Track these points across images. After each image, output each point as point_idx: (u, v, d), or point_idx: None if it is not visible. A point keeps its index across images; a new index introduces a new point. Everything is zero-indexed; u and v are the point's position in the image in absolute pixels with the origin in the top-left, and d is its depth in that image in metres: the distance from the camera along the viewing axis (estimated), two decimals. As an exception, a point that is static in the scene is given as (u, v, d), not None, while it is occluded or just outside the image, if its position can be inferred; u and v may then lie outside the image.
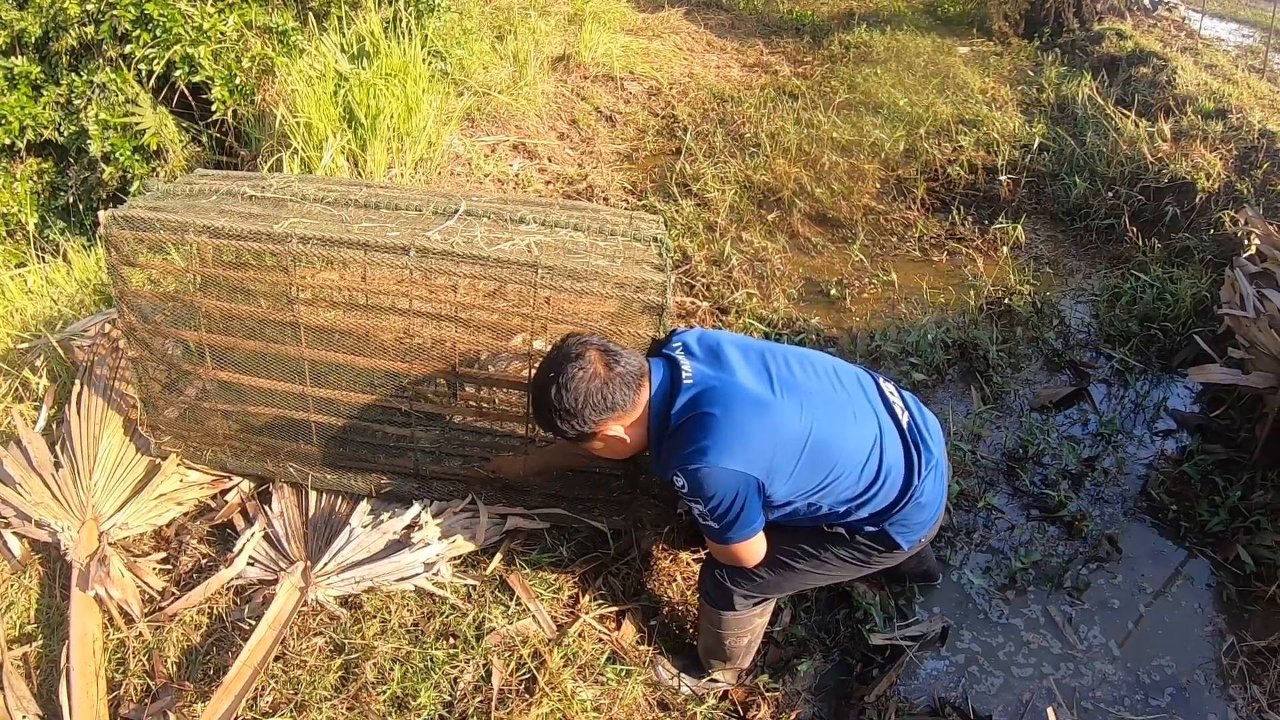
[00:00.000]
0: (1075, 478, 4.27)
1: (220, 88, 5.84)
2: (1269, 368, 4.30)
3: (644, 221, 2.97)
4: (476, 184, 6.34)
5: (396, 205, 2.86)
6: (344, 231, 2.68)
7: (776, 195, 6.80)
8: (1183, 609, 3.71)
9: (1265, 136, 7.14)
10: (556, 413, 2.33)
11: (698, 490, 2.28)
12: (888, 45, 10.97)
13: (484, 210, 2.84)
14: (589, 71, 9.16)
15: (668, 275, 2.53)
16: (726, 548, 2.48)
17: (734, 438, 2.27)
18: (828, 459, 2.41)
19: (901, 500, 2.57)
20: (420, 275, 2.53)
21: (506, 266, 2.47)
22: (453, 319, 2.67)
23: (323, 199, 3.00)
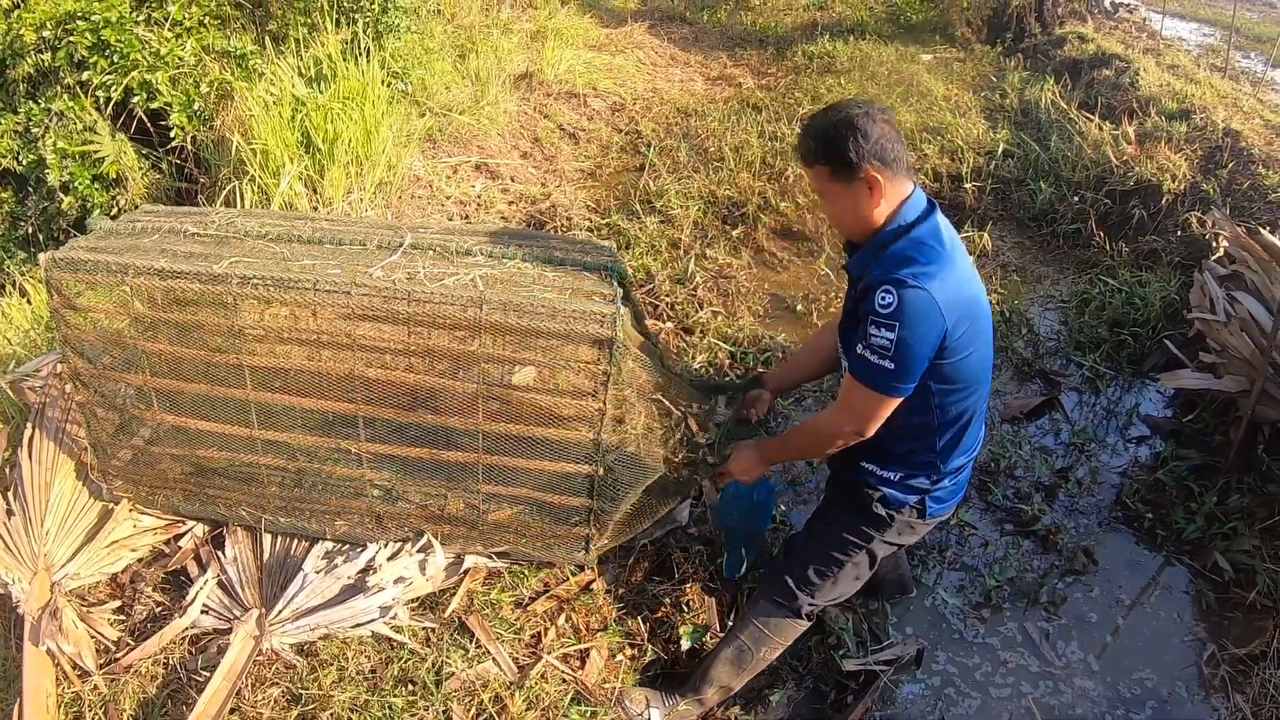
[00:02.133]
0: (1049, 490, 4.22)
1: (178, 114, 5.73)
2: (1241, 371, 4.27)
3: (596, 249, 2.89)
4: (438, 206, 6.26)
5: (340, 240, 2.78)
6: (285, 270, 2.59)
7: (741, 210, 6.74)
8: (1161, 619, 3.67)
9: (1229, 136, 7.15)
10: (853, 131, 2.31)
11: (900, 312, 2.24)
12: (851, 55, 10.96)
13: (429, 243, 2.75)
14: (552, 89, 9.09)
15: (617, 307, 2.44)
16: (874, 399, 2.40)
17: (951, 281, 2.31)
18: (981, 367, 2.51)
19: (970, 452, 2.71)
20: (363, 313, 2.45)
21: (450, 303, 2.39)
22: (401, 356, 2.59)
23: (266, 235, 2.91)
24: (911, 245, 2.35)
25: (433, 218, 6.05)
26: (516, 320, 2.37)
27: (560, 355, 2.55)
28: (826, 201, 2.47)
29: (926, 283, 2.24)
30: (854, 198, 2.39)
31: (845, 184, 2.37)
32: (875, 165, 2.32)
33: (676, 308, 5.26)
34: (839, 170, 2.36)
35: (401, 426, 2.84)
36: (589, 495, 2.77)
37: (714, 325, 5.11)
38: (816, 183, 2.45)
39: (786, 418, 4.63)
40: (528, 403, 2.62)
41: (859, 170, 2.33)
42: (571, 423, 2.63)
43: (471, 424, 2.62)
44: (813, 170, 2.43)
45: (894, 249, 2.36)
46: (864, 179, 2.34)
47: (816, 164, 2.40)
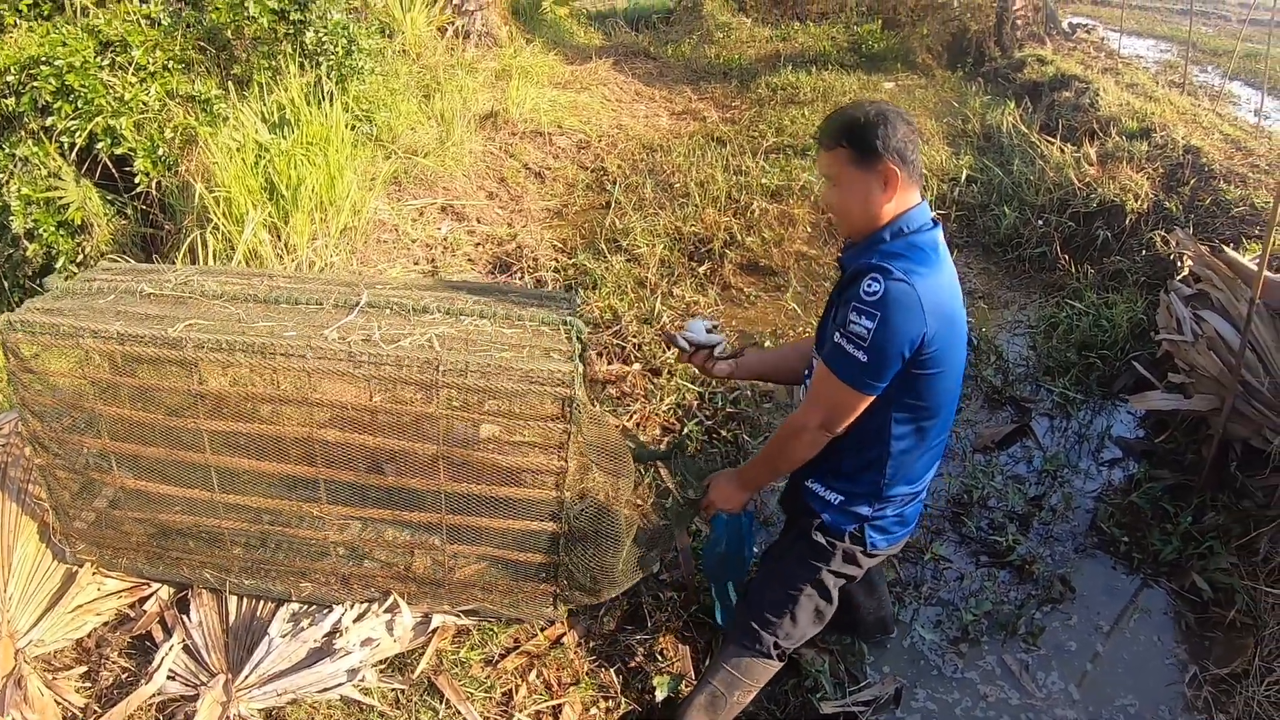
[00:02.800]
0: (1023, 519, 4.21)
1: (143, 159, 5.67)
2: (1211, 390, 4.29)
3: (555, 301, 2.87)
4: (404, 250, 6.22)
5: (297, 300, 2.74)
6: (241, 333, 2.55)
7: (707, 246, 6.73)
8: (1141, 643, 3.65)
9: (1190, 153, 7.24)
10: (884, 122, 2.34)
11: (881, 303, 2.23)
12: (814, 86, 11.04)
13: (386, 300, 2.72)
14: (517, 128, 9.09)
15: (576, 364, 2.41)
16: (844, 391, 2.37)
17: (939, 288, 2.32)
18: (947, 395, 2.49)
19: (916, 483, 2.65)
20: (320, 377, 2.41)
21: (407, 366, 2.36)
22: (358, 419, 2.55)
23: (223, 295, 2.87)
24: (908, 246, 2.36)
25: (398, 263, 6.01)
26: (474, 381, 2.34)
27: (520, 415, 2.52)
28: (838, 188, 2.45)
29: (915, 280, 2.24)
30: (867, 187, 2.39)
31: (863, 171, 2.37)
32: (895, 160, 2.34)
33: (644, 348, 5.22)
34: (860, 156, 2.37)
35: (363, 488, 2.80)
36: (555, 552, 2.73)
37: (681, 366, 5.07)
38: (832, 167, 2.44)
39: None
40: (489, 462, 2.58)
41: (879, 161, 2.35)
42: (534, 480, 2.60)
43: (433, 485, 2.58)
44: (832, 153, 2.42)
45: (890, 246, 2.37)
46: (882, 170, 2.35)
47: (838, 146, 2.40)
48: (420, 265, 6.12)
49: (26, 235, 5.68)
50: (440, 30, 10.96)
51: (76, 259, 5.76)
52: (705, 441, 4.55)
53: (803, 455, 2.54)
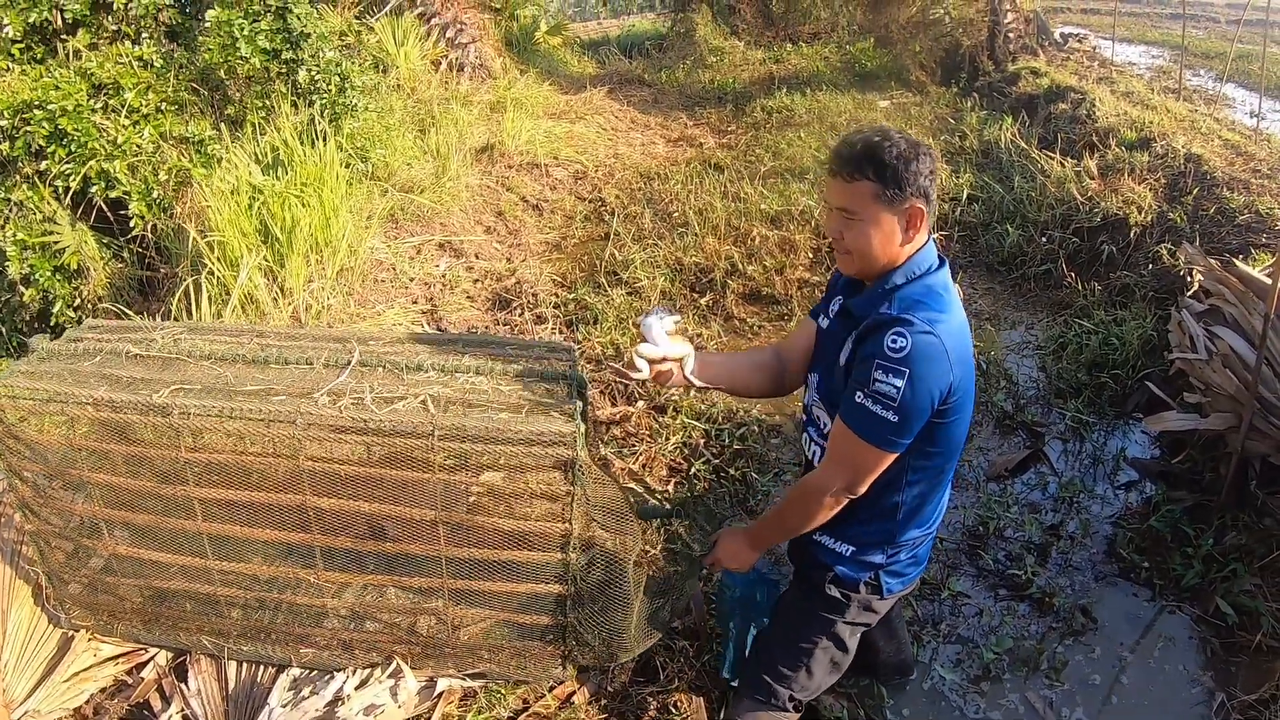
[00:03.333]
0: (1040, 549, 4.10)
1: (137, 202, 5.67)
2: (1227, 408, 4.19)
3: (554, 354, 2.77)
4: (402, 289, 6.16)
5: (286, 360, 2.67)
6: (229, 397, 2.48)
7: (709, 276, 6.65)
8: (1167, 673, 3.53)
9: (1191, 161, 7.17)
10: (917, 157, 2.19)
11: (909, 359, 2.11)
12: (809, 107, 11.04)
13: (378, 359, 2.64)
14: (513, 160, 9.08)
15: (578, 423, 2.32)
16: (869, 453, 2.23)
17: (959, 334, 2.22)
18: (961, 436, 2.38)
19: (929, 525, 2.54)
20: (312, 442, 2.33)
21: (400, 431, 2.27)
22: (352, 485, 2.46)
23: (211, 355, 2.80)
24: (925, 291, 2.23)
25: (396, 303, 5.95)
26: (472, 446, 2.25)
27: (521, 477, 2.42)
28: (856, 223, 2.24)
29: (939, 329, 2.14)
30: (890, 226, 2.23)
31: (887, 209, 2.21)
32: (921, 199, 2.21)
33: (647, 384, 5.12)
34: (886, 193, 2.19)
35: (361, 554, 2.72)
36: (563, 614, 2.64)
37: (687, 402, 4.99)
38: (853, 201, 2.22)
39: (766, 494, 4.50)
40: (490, 526, 2.49)
41: (906, 200, 2.20)
42: (538, 543, 2.51)
43: (433, 549, 2.50)
44: (853, 185, 2.21)
45: (907, 291, 2.24)
46: (907, 210, 2.21)
47: (862, 179, 2.20)
48: (419, 304, 6.06)
49: (23, 281, 5.68)
50: (434, 64, 11.00)
51: (74, 304, 5.75)
52: (713, 480, 4.46)
53: (822, 518, 2.41)
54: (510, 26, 14.77)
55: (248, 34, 6.26)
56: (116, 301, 5.71)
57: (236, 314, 5.20)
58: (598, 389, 5.08)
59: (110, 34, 6.37)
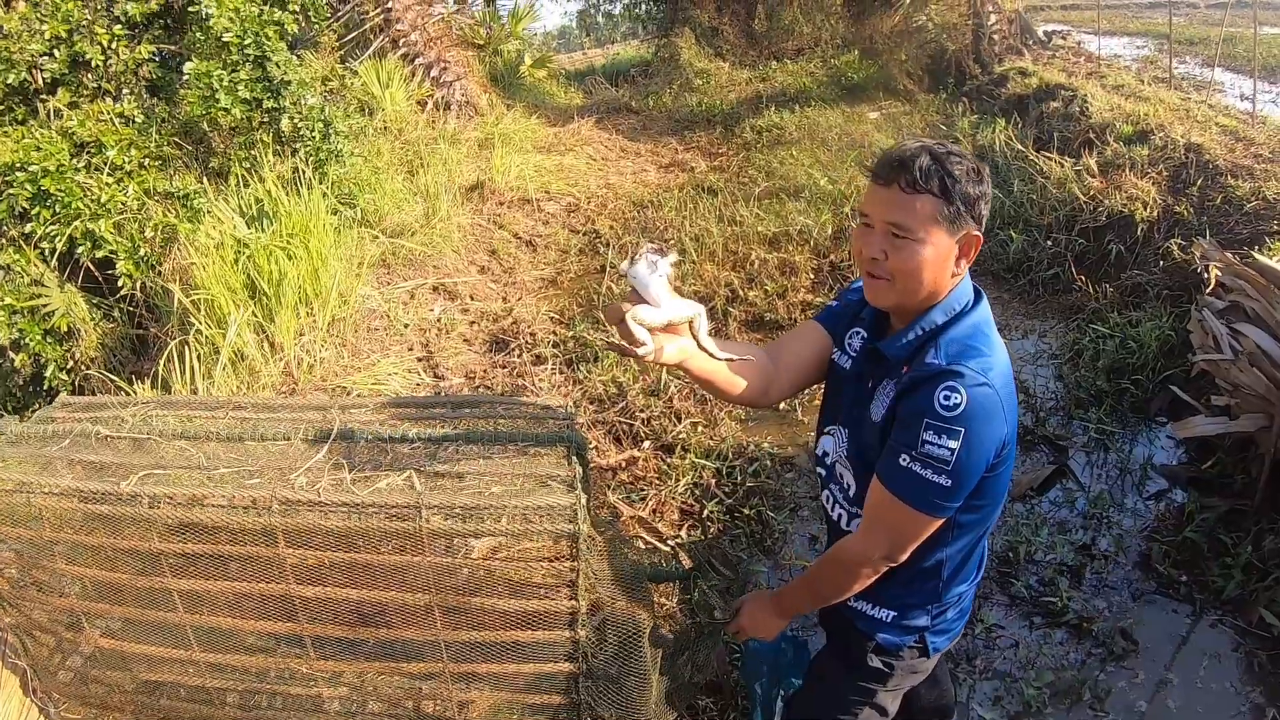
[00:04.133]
0: (1074, 571, 3.92)
1: (125, 261, 5.59)
2: (1257, 408, 4.04)
3: (549, 414, 2.57)
4: (397, 337, 6.03)
5: (263, 436, 2.50)
6: (202, 482, 2.32)
7: (709, 305, 6.47)
8: (1214, 692, 3.37)
9: (1191, 151, 7.05)
10: (982, 180, 1.92)
11: (965, 418, 1.84)
12: (799, 123, 10.95)
13: (360, 429, 2.47)
14: (504, 196, 8.98)
15: (579, 493, 2.10)
16: (916, 520, 1.96)
17: (1008, 377, 1.95)
18: (1009, 478, 2.10)
19: (975, 577, 2.31)
20: (292, 530, 2.17)
21: (384, 512, 2.10)
22: (338, 570, 2.30)
23: (184, 434, 2.64)
24: (972, 332, 1.97)
25: (391, 351, 5.81)
26: (463, 525, 2.07)
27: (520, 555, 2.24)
28: (908, 245, 1.90)
29: (993, 378, 1.88)
30: (946, 253, 1.92)
31: (948, 232, 1.90)
32: (977, 228, 1.93)
33: (653, 423, 4.96)
34: (949, 211, 1.88)
35: (354, 641, 2.54)
36: (575, 693, 2.46)
37: (695, 439, 4.81)
38: (908, 216, 1.88)
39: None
40: (490, 607, 2.31)
41: (965, 224, 1.90)
42: (543, 622, 2.32)
43: (431, 634, 2.32)
44: (916, 199, 1.87)
45: (953, 334, 1.96)
46: (966, 237, 1.92)
47: (925, 193, 1.87)
48: (414, 352, 5.92)
49: (12, 346, 5.59)
50: (420, 104, 10.99)
51: (66, 367, 5.67)
52: (728, 522, 4.28)
53: (859, 588, 2.15)
54: (494, 62, 14.81)
55: (227, 85, 6.19)
56: (110, 362, 5.64)
57: (227, 373, 5.08)
58: (603, 430, 4.92)
59: (91, 92, 6.31)
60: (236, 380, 5.06)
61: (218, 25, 6.15)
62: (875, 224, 1.94)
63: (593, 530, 2.15)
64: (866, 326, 2.18)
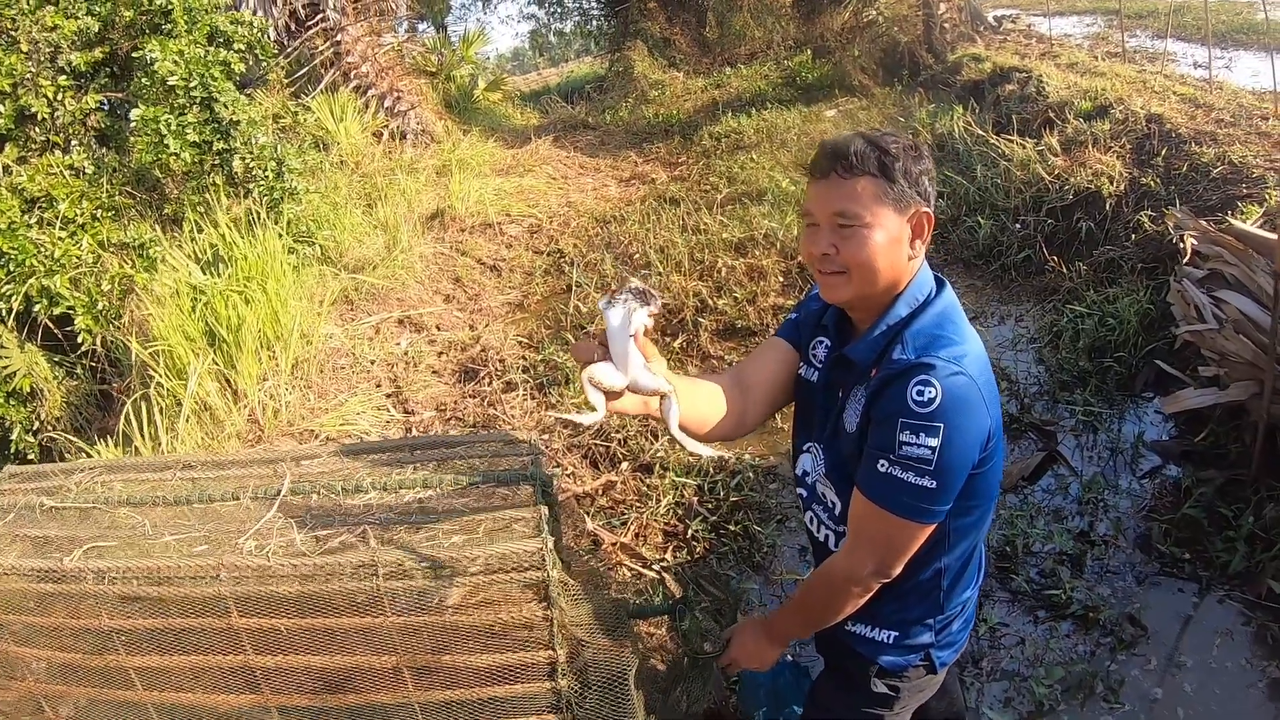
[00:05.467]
0: (1074, 560, 3.80)
1: (83, 317, 5.46)
2: (1247, 375, 3.96)
3: (511, 449, 2.39)
4: (364, 374, 5.87)
5: (210, 498, 2.34)
6: (146, 552, 2.16)
7: (679, 317, 6.37)
8: (1230, 670, 3.26)
9: (1153, 121, 7.00)
10: (921, 157, 1.81)
11: (941, 412, 1.69)
12: (757, 127, 10.91)
13: (313, 481, 2.29)
14: (465, 223, 8.85)
15: (545, 535, 1.94)
16: (905, 529, 1.81)
17: (985, 365, 1.81)
18: (999, 473, 1.96)
19: (978, 580, 2.18)
20: (241, 599, 2.01)
21: (339, 575, 1.93)
22: (297, 637, 2.14)
23: (129, 500, 2.48)
24: (937, 320, 1.84)
25: (359, 389, 5.65)
26: (422, 582, 1.91)
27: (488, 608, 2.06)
28: (856, 232, 1.79)
29: (968, 365, 1.75)
30: (897, 233, 1.81)
31: (897, 213, 1.79)
32: (926, 204, 1.82)
33: (629, 443, 4.80)
34: (892, 190, 1.78)
35: (322, 709, 2.38)
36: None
37: (674, 457, 4.64)
38: (851, 201, 1.78)
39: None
40: (464, 664, 2.15)
41: (913, 201, 1.80)
42: (521, 675, 2.16)
43: (402, 696, 2.16)
44: (854, 183, 1.77)
45: (918, 326, 1.83)
46: (915, 215, 1.81)
47: (863, 175, 1.77)
48: (382, 388, 5.77)
49: (-26, 411, 5.40)
50: (376, 135, 10.93)
51: (32, 428, 5.51)
52: (714, 540, 4.14)
53: (852, 608, 2.00)
54: (448, 88, 14.75)
55: (175, 129, 6.07)
56: (76, 421, 5.48)
57: (191, 425, 4.92)
58: (578, 455, 4.77)
59: (39, 145, 6.20)
60: (201, 432, 4.91)
61: (162, 69, 6.03)
62: (820, 220, 1.83)
63: (563, 574, 1.99)
64: (830, 334, 2.06)
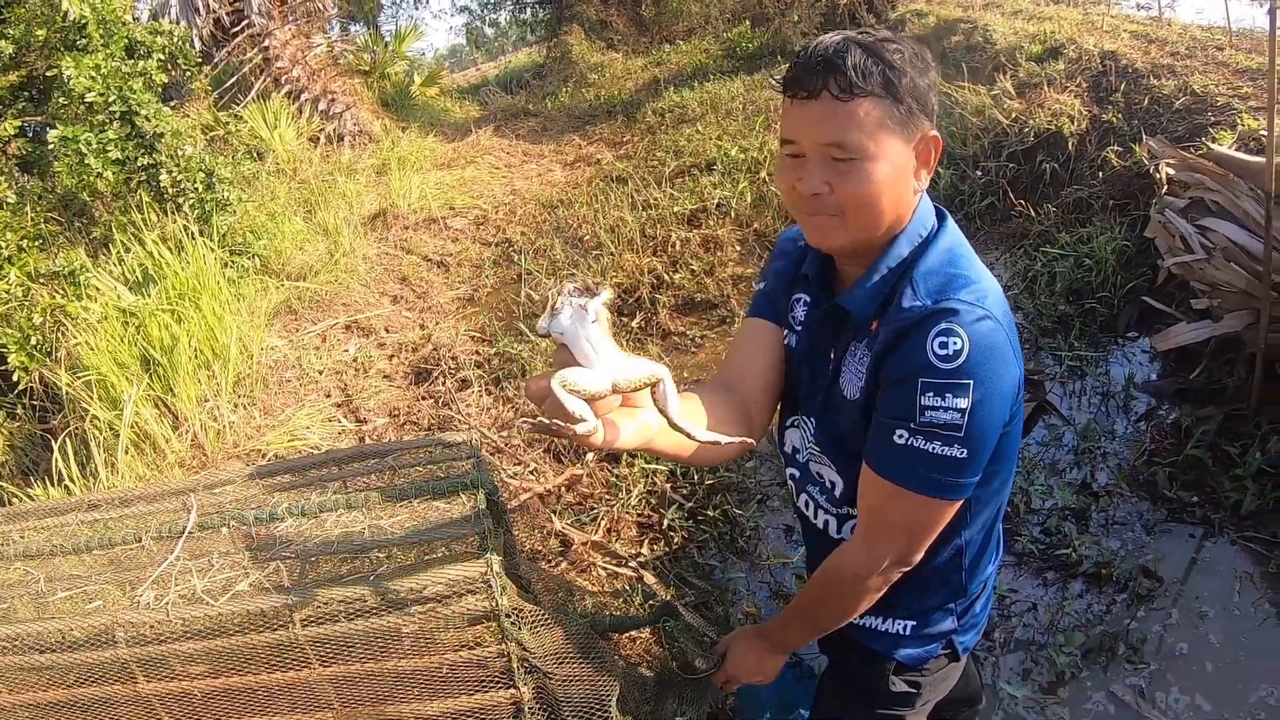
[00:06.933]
0: (1078, 514, 3.57)
1: (16, 354, 5.14)
2: (1241, 304, 3.78)
3: (449, 452, 2.02)
4: (312, 385, 5.58)
5: (110, 542, 2.00)
6: (39, 614, 1.82)
7: (635, 295, 6.10)
8: (1255, 617, 3.05)
9: (1108, 58, 6.81)
10: (928, 69, 1.46)
11: (971, 365, 1.39)
12: (701, 99, 10.75)
13: (224, 512, 1.93)
14: (409, 220, 8.61)
15: (489, 557, 1.60)
16: (930, 508, 1.52)
17: (1002, 301, 1.49)
18: (1020, 430, 1.64)
19: (1000, 551, 1.92)
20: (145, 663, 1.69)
21: (247, 630, 1.61)
22: (218, 699, 1.82)
23: (25, 552, 2.14)
24: (949, 257, 1.53)
25: (307, 402, 5.34)
26: (349, 628, 1.59)
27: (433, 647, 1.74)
28: (857, 166, 1.44)
29: (993, 308, 1.44)
30: (903, 165, 1.47)
31: (901, 138, 1.44)
32: (932, 125, 1.48)
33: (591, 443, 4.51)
34: (899, 113, 1.43)
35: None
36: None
37: (639, 452, 4.34)
38: (851, 130, 1.42)
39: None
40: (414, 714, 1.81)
41: (920, 123, 1.46)
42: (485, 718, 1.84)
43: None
44: (851, 106, 1.41)
45: (927, 266, 1.52)
46: (923, 138, 1.47)
47: (869, 96, 1.41)
48: (332, 398, 5.47)
49: (-87, 459, 5.17)
50: (313, 140, 10.79)
51: None
52: (692, 528, 3.86)
53: (865, 606, 1.71)
54: (383, 87, 14.57)
55: (95, 147, 5.81)
56: (21, 464, 5.15)
57: (131, 457, 4.61)
58: (539, 449, 4.48)
59: (-42, 178, 5.85)
60: (142, 463, 4.62)
61: (78, 85, 5.76)
62: (807, 150, 1.48)
63: (518, 599, 1.66)
64: (812, 286, 1.74)
